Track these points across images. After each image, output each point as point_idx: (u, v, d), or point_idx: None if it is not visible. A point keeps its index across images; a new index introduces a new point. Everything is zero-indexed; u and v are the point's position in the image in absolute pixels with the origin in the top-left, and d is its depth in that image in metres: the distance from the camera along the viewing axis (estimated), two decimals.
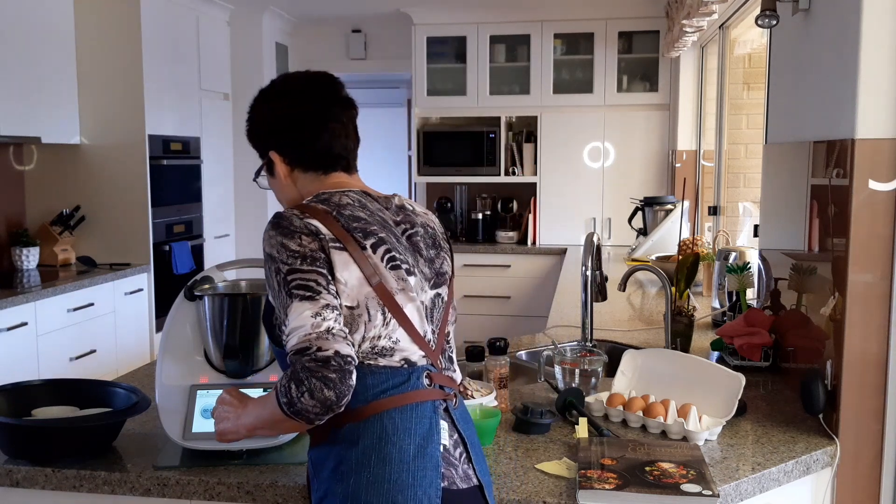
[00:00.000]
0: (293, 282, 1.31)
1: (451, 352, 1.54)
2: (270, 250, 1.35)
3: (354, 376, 1.29)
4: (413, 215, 1.53)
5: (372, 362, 1.36)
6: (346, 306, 1.34)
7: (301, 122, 1.49)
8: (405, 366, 1.39)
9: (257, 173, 1.56)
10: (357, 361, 1.31)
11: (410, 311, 1.40)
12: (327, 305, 1.30)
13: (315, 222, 1.36)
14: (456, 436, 1.42)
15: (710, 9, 3.59)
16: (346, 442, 1.34)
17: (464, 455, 1.41)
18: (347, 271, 1.35)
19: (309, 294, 1.30)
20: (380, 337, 1.37)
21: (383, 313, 1.37)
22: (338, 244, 1.35)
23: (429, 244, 1.51)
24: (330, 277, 1.33)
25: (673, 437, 1.82)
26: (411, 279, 1.42)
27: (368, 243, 1.39)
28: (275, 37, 6.17)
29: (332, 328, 1.29)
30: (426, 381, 1.40)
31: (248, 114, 1.54)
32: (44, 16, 4.30)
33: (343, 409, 1.28)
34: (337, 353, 1.26)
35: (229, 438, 1.44)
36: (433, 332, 1.45)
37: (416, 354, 1.40)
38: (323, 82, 1.54)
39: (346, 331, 1.32)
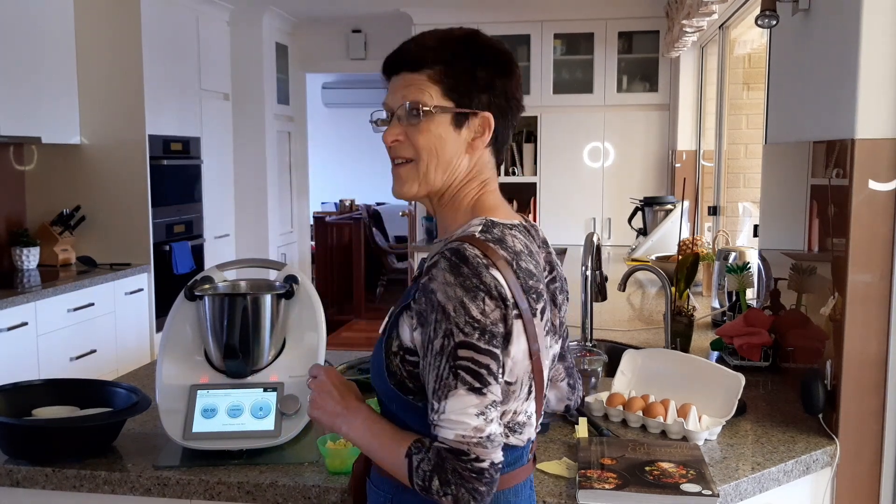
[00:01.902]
0: (463, 361, 1.13)
1: None
2: (445, 303, 1.13)
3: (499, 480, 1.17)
4: (552, 255, 1.35)
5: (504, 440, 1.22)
6: (505, 381, 1.19)
7: (517, 99, 1.31)
8: (525, 443, 1.28)
9: (418, 112, 1.25)
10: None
11: (545, 379, 1.27)
12: (494, 402, 1.15)
13: (501, 279, 1.16)
14: None
15: (710, 9, 3.59)
16: None
17: None
18: (518, 345, 1.18)
19: (478, 385, 1.13)
20: (518, 412, 1.24)
21: (530, 387, 1.24)
22: (516, 311, 1.17)
23: (560, 289, 1.35)
24: (501, 358, 1.16)
25: (673, 436, 1.82)
26: (549, 340, 1.28)
27: (538, 308, 1.22)
28: (275, 37, 6.17)
29: (493, 434, 1.14)
30: (530, 455, 1.32)
31: (459, 51, 1.26)
32: (44, 16, 4.30)
33: None
34: (492, 463, 1.14)
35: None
36: (544, 395, 1.32)
37: (533, 429, 1.29)
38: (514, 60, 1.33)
39: (503, 431, 1.19)
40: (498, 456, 1.15)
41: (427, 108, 1.25)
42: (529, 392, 1.24)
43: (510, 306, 1.16)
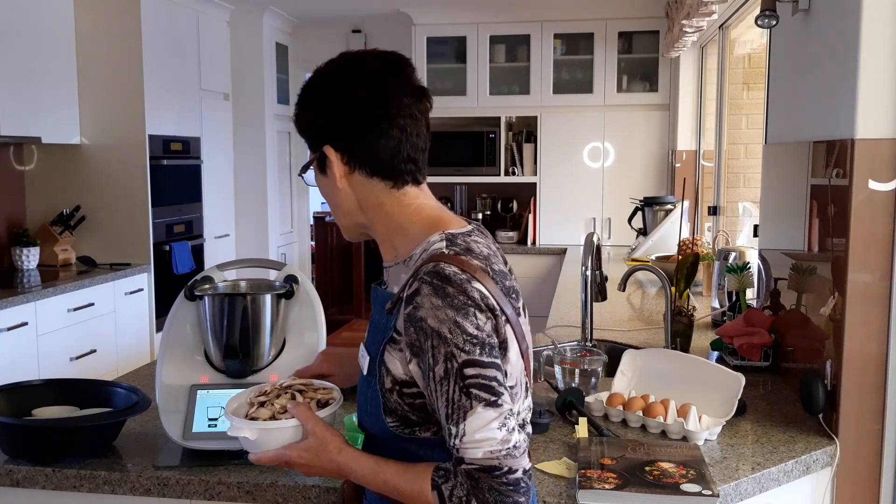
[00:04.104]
0: (472, 379, 1.12)
1: None
2: (439, 327, 1.12)
3: None
4: (500, 250, 1.33)
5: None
6: (508, 386, 1.18)
7: (365, 114, 1.23)
8: (527, 438, 1.26)
9: (305, 168, 1.32)
10: None
11: (532, 372, 1.28)
12: (510, 411, 1.14)
13: (484, 290, 1.15)
14: None
15: (710, 9, 3.59)
16: None
17: None
18: (513, 350, 1.20)
19: (493, 399, 1.12)
20: (520, 412, 1.24)
21: (526, 386, 1.25)
22: (504, 317, 1.18)
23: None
24: (503, 367, 1.17)
25: (673, 436, 1.82)
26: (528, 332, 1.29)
27: (520, 306, 1.24)
28: (275, 37, 6.17)
29: (518, 442, 1.14)
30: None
31: (300, 97, 1.31)
32: (44, 16, 4.30)
33: None
34: (524, 470, 1.13)
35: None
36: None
37: (528, 422, 1.29)
38: (393, 63, 1.28)
39: (523, 436, 1.17)
40: (527, 462, 1.15)
41: (301, 174, 1.35)
42: (526, 389, 1.26)
43: (499, 315, 1.17)
